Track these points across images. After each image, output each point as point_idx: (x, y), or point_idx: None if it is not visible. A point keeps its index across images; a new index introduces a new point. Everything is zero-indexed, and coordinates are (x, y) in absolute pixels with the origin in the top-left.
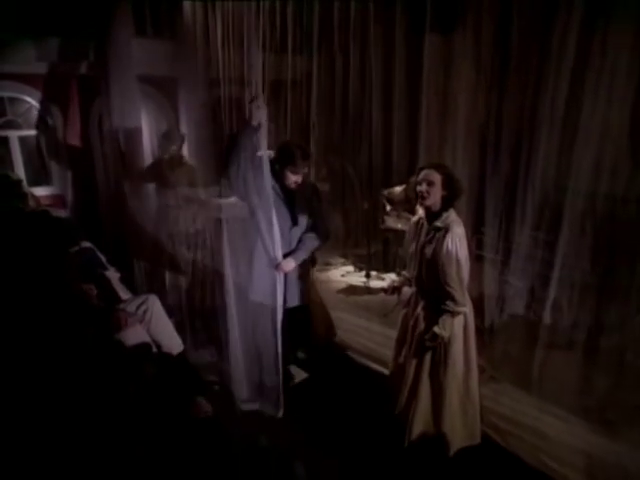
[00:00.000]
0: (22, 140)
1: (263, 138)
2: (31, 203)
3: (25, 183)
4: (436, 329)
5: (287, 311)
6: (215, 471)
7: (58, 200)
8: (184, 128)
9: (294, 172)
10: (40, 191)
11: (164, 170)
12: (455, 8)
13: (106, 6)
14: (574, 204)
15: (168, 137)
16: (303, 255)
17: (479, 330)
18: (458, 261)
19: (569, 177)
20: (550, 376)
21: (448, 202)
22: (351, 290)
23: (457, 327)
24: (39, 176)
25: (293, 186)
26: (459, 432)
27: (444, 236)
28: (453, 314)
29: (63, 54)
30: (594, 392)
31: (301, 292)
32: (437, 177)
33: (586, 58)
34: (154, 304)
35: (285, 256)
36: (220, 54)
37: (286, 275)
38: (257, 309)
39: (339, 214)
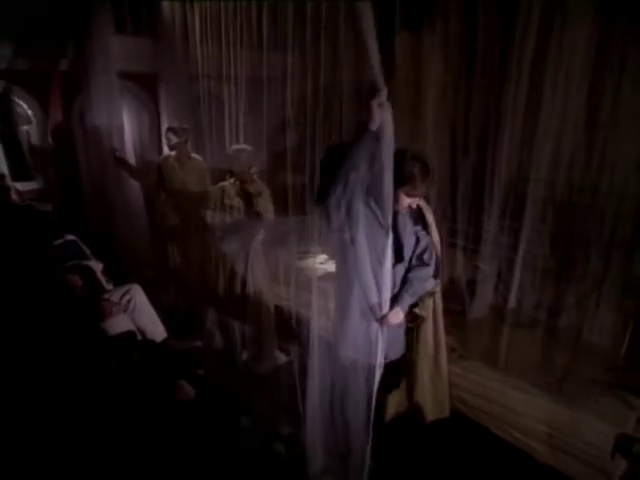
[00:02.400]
0: (4, 135)
1: (388, 148)
2: (14, 197)
3: (8, 178)
4: (417, 310)
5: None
6: (199, 450)
7: (41, 194)
8: (165, 124)
9: (410, 194)
10: (23, 186)
11: (173, 166)
12: (424, 6)
13: (85, 3)
14: (536, 193)
15: (174, 131)
16: (411, 301)
17: (451, 312)
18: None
19: (531, 168)
20: (515, 353)
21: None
22: (330, 276)
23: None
24: (22, 171)
25: (404, 211)
26: (430, 405)
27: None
28: (431, 294)
29: (43, 51)
30: (554, 367)
31: (402, 341)
32: None
33: (545, 55)
34: (137, 293)
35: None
36: (199, 50)
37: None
38: (347, 368)
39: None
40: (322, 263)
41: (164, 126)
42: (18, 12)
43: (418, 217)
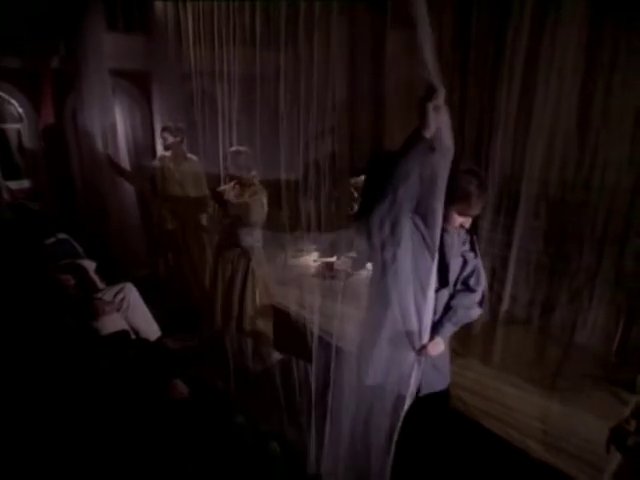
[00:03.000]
0: None
1: (445, 159)
2: (6, 196)
3: (0, 177)
4: None
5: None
6: (193, 449)
7: (33, 193)
8: (158, 122)
9: (464, 213)
10: (15, 185)
11: (169, 167)
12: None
13: (77, 1)
14: (529, 190)
15: (170, 131)
16: (452, 330)
17: None
18: None
19: (524, 165)
20: (509, 349)
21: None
22: (325, 271)
23: None
24: (14, 170)
25: (454, 231)
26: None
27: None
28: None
29: (35, 48)
30: (548, 363)
31: (447, 370)
32: None
33: (537, 53)
34: (130, 292)
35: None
36: (192, 48)
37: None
38: (373, 397)
39: (310, 202)
40: (315, 261)
41: (157, 125)
42: (9, 9)
43: (465, 237)
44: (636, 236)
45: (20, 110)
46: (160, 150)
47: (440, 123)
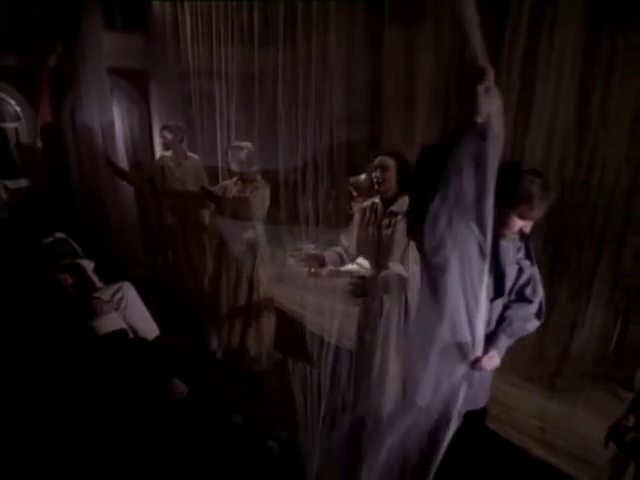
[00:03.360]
0: None
1: (495, 149)
2: (3, 195)
3: None
4: None
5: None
6: (191, 448)
7: (31, 193)
8: (156, 121)
9: (526, 216)
10: (12, 184)
11: (169, 166)
12: (415, 1)
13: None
14: None
15: (169, 129)
16: (508, 343)
17: None
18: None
19: (522, 161)
20: (509, 349)
21: (403, 187)
22: (330, 275)
23: (414, 307)
24: (11, 169)
25: (511, 236)
26: None
27: (402, 220)
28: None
29: (32, 47)
30: (547, 362)
31: (488, 387)
32: (391, 162)
33: (535, 52)
34: (128, 291)
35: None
36: (190, 46)
37: None
38: (419, 417)
39: (309, 201)
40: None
41: (155, 124)
42: (7, 8)
43: (520, 244)
44: (634, 235)
45: (18, 109)
46: (159, 149)
47: (491, 107)
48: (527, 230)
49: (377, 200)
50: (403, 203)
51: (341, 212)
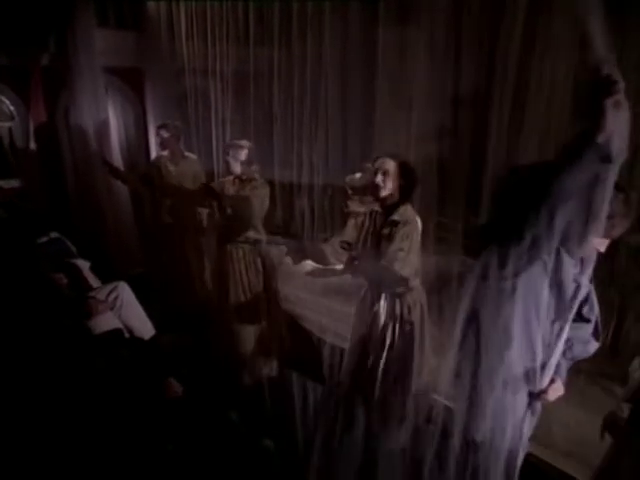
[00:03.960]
0: None
1: (615, 168)
2: None
3: None
4: None
5: None
6: (188, 446)
7: (24, 193)
8: (151, 120)
9: (605, 234)
10: (6, 183)
11: (166, 166)
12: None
13: None
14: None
15: (166, 128)
16: (567, 367)
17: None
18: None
19: (518, 158)
20: None
21: (405, 193)
22: (318, 272)
23: (411, 324)
24: (5, 168)
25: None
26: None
27: (403, 229)
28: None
29: (23, 45)
30: None
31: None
32: (392, 166)
33: (531, 49)
34: (124, 291)
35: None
36: (185, 45)
37: None
38: (481, 454)
39: (304, 200)
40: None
41: (150, 123)
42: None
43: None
44: (628, 234)
45: (12, 108)
46: (154, 148)
47: (618, 124)
48: (602, 249)
49: (376, 207)
50: (405, 212)
51: (336, 210)
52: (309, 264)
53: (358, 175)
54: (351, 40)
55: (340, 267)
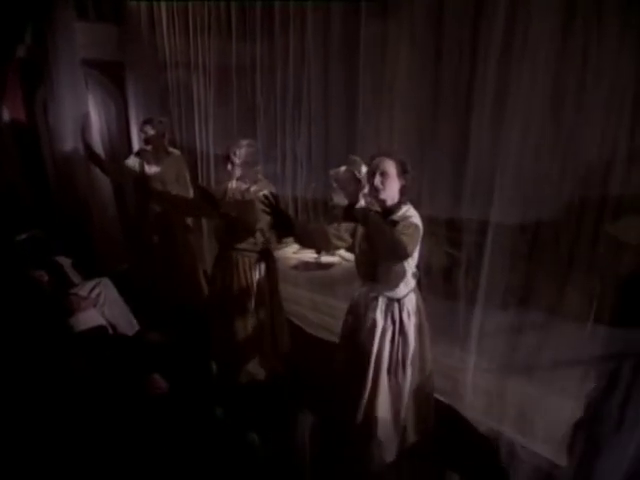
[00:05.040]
0: None
1: None
2: None
3: None
4: None
5: None
6: (172, 443)
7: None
8: (133, 114)
9: None
10: None
11: (149, 161)
12: None
13: None
14: (503, 178)
15: (151, 124)
16: None
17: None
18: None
19: (499, 153)
20: (486, 335)
21: (404, 194)
22: (303, 266)
23: (410, 329)
24: None
25: None
26: (414, 426)
27: (403, 224)
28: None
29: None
30: (524, 347)
31: None
32: (392, 166)
33: (511, 43)
34: (106, 287)
35: None
36: (166, 38)
37: None
38: None
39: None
40: (295, 253)
41: (132, 117)
42: None
43: None
44: (608, 224)
45: None
46: (136, 143)
47: None
48: None
49: (376, 207)
50: (406, 212)
51: (320, 204)
52: (294, 257)
53: (343, 168)
54: (334, 34)
55: (331, 259)
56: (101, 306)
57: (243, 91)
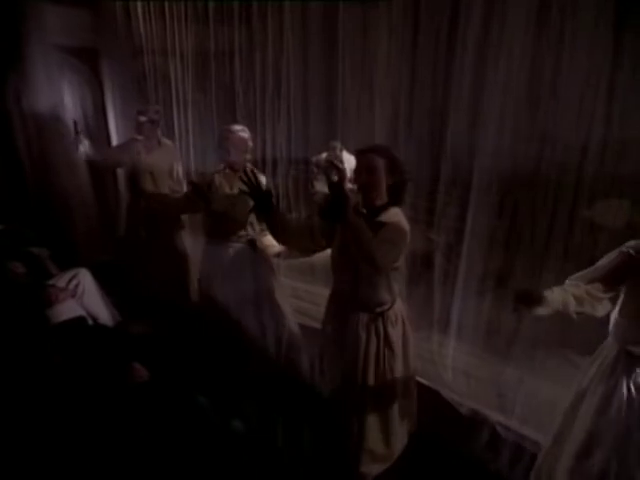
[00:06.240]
0: None
1: None
2: None
3: None
4: None
5: None
6: (155, 432)
7: None
8: (109, 101)
9: None
10: None
11: (139, 152)
12: None
13: None
14: (481, 163)
15: (144, 114)
16: None
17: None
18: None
19: (477, 138)
20: (466, 320)
21: (396, 194)
22: (285, 253)
23: (396, 339)
24: None
25: None
26: (400, 438)
27: (390, 228)
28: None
29: None
30: (503, 332)
31: None
32: (379, 162)
33: (489, 29)
34: (85, 277)
35: None
36: (142, 23)
37: None
38: None
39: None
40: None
41: (109, 103)
42: None
43: None
44: (584, 209)
45: None
46: (114, 131)
47: None
48: None
49: (360, 209)
50: (394, 215)
51: (300, 191)
52: (277, 245)
53: (324, 155)
54: (312, 19)
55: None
56: (80, 297)
57: (222, 77)
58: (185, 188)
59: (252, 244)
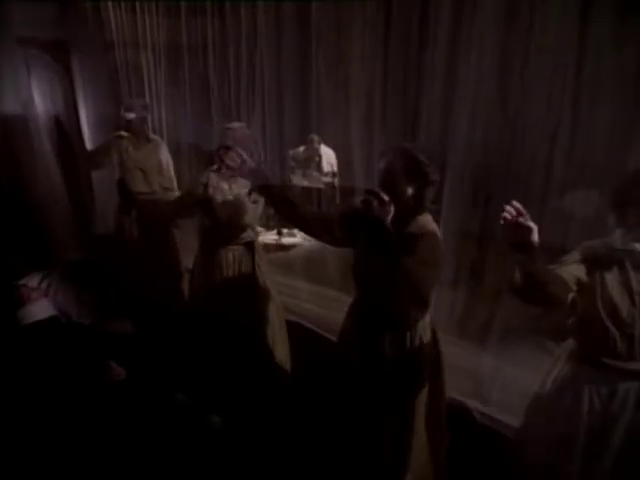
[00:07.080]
0: None
1: None
2: None
3: None
4: None
5: None
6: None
7: None
8: (80, 96)
9: None
10: None
11: (127, 150)
12: None
13: None
14: (454, 156)
15: (130, 109)
16: None
17: None
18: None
19: (450, 131)
20: (441, 311)
21: (420, 200)
22: (265, 248)
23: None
24: None
25: None
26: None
27: (424, 241)
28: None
29: None
30: (478, 320)
31: None
32: (399, 166)
33: (460, 22)
34: (58, 277)
35: None
36: (112, 15)
37: None
38: None
39: None
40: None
41: (80, 98)
42: None
43: None
44: (554, 199)
45: None
46: (86, 126)
47: None
48: None
49: (386, 222)
50: (425, 224)
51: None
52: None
53: (302, 148)
54: (285, 10)
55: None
56: (53, 296)
57: (195, 70)
58: (176, 185)
59: (250, 246)
